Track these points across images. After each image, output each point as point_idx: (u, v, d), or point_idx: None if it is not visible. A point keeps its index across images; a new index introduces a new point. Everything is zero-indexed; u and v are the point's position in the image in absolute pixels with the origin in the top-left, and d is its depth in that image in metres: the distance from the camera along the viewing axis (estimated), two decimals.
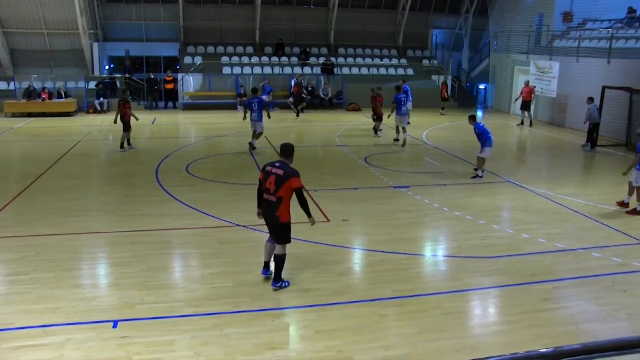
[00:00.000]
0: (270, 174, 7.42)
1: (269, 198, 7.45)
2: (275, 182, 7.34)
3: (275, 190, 7.35)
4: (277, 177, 7.36)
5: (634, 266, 8.67)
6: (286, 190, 7.34)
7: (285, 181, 7.31)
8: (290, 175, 7.35)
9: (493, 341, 6.47)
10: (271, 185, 7.38)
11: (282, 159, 7.62)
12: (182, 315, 6.80)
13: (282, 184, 7.32)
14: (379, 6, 31.38)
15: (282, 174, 7.36)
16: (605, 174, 15.63)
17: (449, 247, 9.71)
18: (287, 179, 7.32)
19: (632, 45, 20.76)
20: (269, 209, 7.48)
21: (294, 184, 7.33)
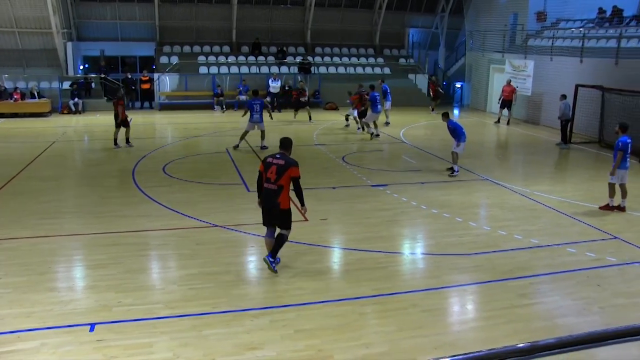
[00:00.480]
0: (272, 165, 8.00)
1: (269, 187, 7.97)
2: (276, 172, 7.93)
3: (277, 179, 7.92)
4: (278, 167, 7.94)
5: (607, 261, 8.82)
6: (286, 179, 7.92)
7: (286, 170, 7.91)
8: (290, 165, 7.96)
9: (471, 337, 6.53)
10: (272, 174, 7.95)
11: (281, 151, 8.20)
12: (161, 317, 6.74)
13: (283, 173, 7.90)
14: (355, 5, 31.46)
15: (283, 163, 7.95)
16: (579, 171, 15.88)
17: (427, 245, 9.77)
18: (288, 168, 7.92)
19: (603, 45, 21.13)
20: (270, 196, 7.99)
21: (293, 173, 7.93)
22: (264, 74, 28.20)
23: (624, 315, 7.06)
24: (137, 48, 29.17)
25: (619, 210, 11.45)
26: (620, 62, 19.54)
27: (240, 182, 13.37)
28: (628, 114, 17.72)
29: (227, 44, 29.94)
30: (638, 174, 14.95)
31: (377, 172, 14.56)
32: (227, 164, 15.38)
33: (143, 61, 29.17)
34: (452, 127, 14.28)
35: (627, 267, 8.64)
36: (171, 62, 27.56)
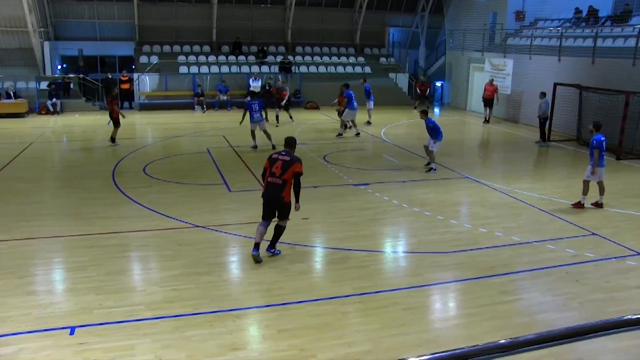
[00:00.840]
0: (277, 160, 8.58)
1: (274, 181, 8.51)
2: (281, 167, 8.49)
3: (281, 174, 8.46)
4: (283, 162, 8.52)
5: (585, 256, 8.95)
6: (290, 174, 8.46)
7: (291, 166, 8.47)
8: (295, 161, 8.54)
9: (453, 334, 6.58)
10: (277, 169, 8.50)
11: (286, 149, 8.81)
12: (142, 319, 6.69)
13: (287, 168, 8.46)
14: (336, 4, 31.49)
15: (289, 159, 8.53)
16: (558, 168, 16.06)
17: (408, 243, 9.82)
18: (292, 164, 8.48)
19: (580, 44, 21.43)
20: (274, 190, 8.51)
21: (297, 168, 8.49)
22: (244, 73, 28.10)
23: (602, 310, 7.18)
24: (116, 48, 28.89)
25: (596, 207, 11.61)
26: (596, 61, 19.82)
27: (222, 182, 13.31)
28: (605, 112, 18.00)
29: (207, 44, 29.78)
30: (615, 171, 15.20)
31: (359, 171, 14.59)
32: (208, 164, 15.30)
33: (122, 61, 28.90)
34: (432, 125, 14.37)
35: (605, 262, 8.76)
36: (151, 62, 27.32)
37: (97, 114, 24.87)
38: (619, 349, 6.12)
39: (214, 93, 26.74)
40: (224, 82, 26.73)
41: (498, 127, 22.99)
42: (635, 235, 10.04)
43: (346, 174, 14.15)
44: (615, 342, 6.15)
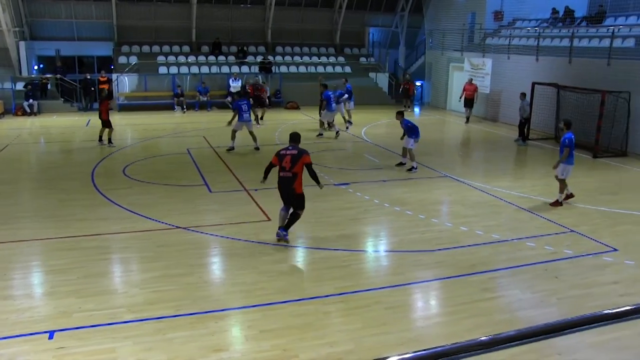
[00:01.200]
0: (286, 155, 9.14)
1: (285, 175, 9.09)
2: (291, 161, 9.05)
3: (291, 167, 9.03)
4: (292, 157, 9.09)
5: (564, 253, 9.07)
6: (300, 167, 9.04)
7: (300, 158, 9.06)
8: (303, 153, 9.14)
9: (435, 332, 6.63)
10: (287, 163, 9.06)
11: (292, 144, 9.34)
12: (123, 322, 6.63)
13: (296, 161, 9.04)
14: (315, 4, 31.51)
15: (297, 153, 9.12)
16: (536, 167, 16.25)
17: (390, 242, 9.87)
18: (301, 156, 9.08)
19: (557, 44, 21.71)
20: (286, 183, 9.11)
21: (306, 160, 9.11)
22: (224, 73, 27.98)
23: (580, 305, 7.28)
24: (95, 48, 28.60)
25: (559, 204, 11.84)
26: (573, 61, 20.08)
27: (202, 183, 13.25)
28: (581, 111, 18.27)
29: (186, 44, 29.61)
30: (591, 169, 15.43)
31: (340, 171, 14.62)
32: (188, 165, 15.21)
33: (101, 61, 28.61)
34: (411, 125, 14.50)
35: (583, 259, 8.89)
36: (130, 62, 27.09)
37: (76, 115, 24.59)
38: (596, 343, 6.23)
39: (193, 94, 26.58)
40: (204, 84, 26.58)
41: (477, 126, 23.18)
42: (611, 232, 10.21)
43: (327, 174, 14.16)
44: (593, 337, 6.25)
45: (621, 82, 17.53)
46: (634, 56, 17.86)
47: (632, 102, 17.14)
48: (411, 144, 14.52)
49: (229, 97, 25.91)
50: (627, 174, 15.14)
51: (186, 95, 26.40)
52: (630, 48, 18.56)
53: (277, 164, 9.21)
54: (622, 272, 8.41)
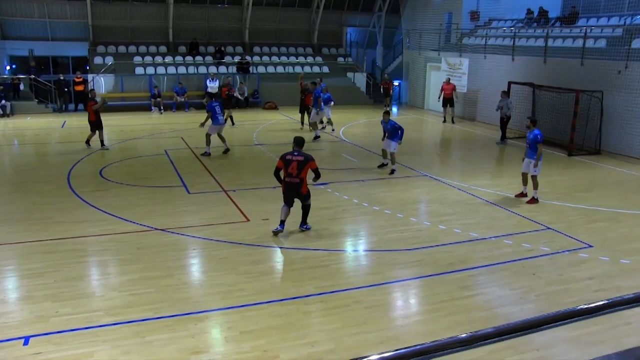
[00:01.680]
0: (292, 161, 9.41)
1: (292, 180, 9.44)
2: (297, 167, 9.37)
3: (298, 173, 9.38)
4: (298, 163, 9.39)
5: (541, 250, 9.20)
6: (306, 172, 9.45)
7: (306, 165, 9.42)
8: (308, 160, 9.49)
9: (415, 331, 6.67)
10: (294, 169, 9.38)
11: (297, 148, 9.58)
12: (101, 325, 6.56)
13: (303, 167, 9.38)
14: (293, 4, 31.49)
15: (303, 159, 9.43)
16: (513, 165, 16.39)
17: (368, 241, 9.90)
18: (307, 163, 9.44)
19: (532, 44, 22.01)
20: (293, 188, 9.51)
21: (312, 166, 9.54)
22: (202, 74, 27.81)
23: (557, 301, 7.39)
24: (70, 48, 28.20)
25: (521, 197, 12.17)
26: (548, 61, 20.36)
27: (180, 184, 13.16)
28: (556, 110, 18.55)
29: (163, 44, 29.37)
30: (566, 167, 15.66)
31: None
32: (166, 166, 15.09)
33: (76, 62, 28.23)
34: (397, 127, 14.21)
35: (559, 255, 9.03)
36: (106, 63, 26.77)
37: (51, 116, 24.24)
38: (572, 338, 6.33)
39: (171, 94, 26.38)
40: (181, 84, 26.38)
41: (455, 125, 23.35)
42: (586, 228, 10.38)
43: None
44: (569, 332, 6.36)
45: (594, 82, 17.83)
46: (606, 56, 18.18)
47: (605, 101, 17.44)
48: (393, 146, 14.26)
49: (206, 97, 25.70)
50: (601, 172, 15.39)
51: (163, 96, 26.19)
52: (602, 48, 18.90)
53: (282, 167, 9.51)
54: (597, 268, 8.55)
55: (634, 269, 8.60)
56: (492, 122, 22.30)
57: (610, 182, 14.25)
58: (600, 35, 19.84)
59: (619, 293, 7.63)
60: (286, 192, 9.61)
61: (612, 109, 17.47)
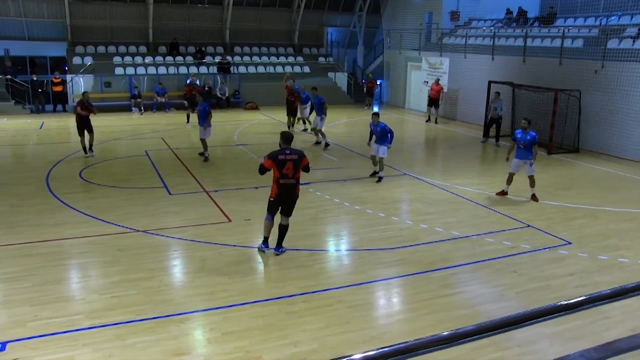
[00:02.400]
0: (286, 161, 8.45)
1: (288, 182, 8.54)
2: (293, 167, 8.48)
3: (294, 174, 8.55)
4: (294, 162, 8.49)
5: (522, 248, 9.29)
6: (300, 170, 8.64)
7: (301, 162, 8.57)
8: (302, 156, 8.62)
9: (398, 329, 6.69)
10: (289, 170, 8.47)
11: (287, 146, 8.60)
12: (82, 329, 6.47)
13: (299, 166, 8.55)
14: (274, 4, 31.43)
15: (297, 157, 8.53)
16: (493, 164, 16.58)
17: (350, 241, 9.91)
18: (301, 160, 8.57)
19: (512, 44, 22.23)
20: (290, 190, 8.62)
21: (306, 161, 8.67)
22: (182, 74, 27.63)
23: (538, 298, 7.47)
24: (47, 48, 27.80)
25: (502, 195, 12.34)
26: (527, 60, 20.57)
27: (161, 185, 13.06)
28: (536, 109, 18.73)
29: (143, 44, 29.13)
30: (546, 165, 15.82)
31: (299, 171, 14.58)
32: (147, 167, 14.97)
33: (54, 62, 27.84)
34: (388, 130, 13.33)
35: (540, 252, 9.12)
36: (85, 63, 26.45)
37: (28, 117, 23.92)
38: (553, 334, 6.40)
39: (151, 95, 26.17)
40: (161, 85, 26.19)
41: (438, 125, 23.46)
42: (566, 226, 10.50)
43: None
44: (550, 328, 6.43)
45: (572, 81, 18.07)
46: (583, 56, 18.44)
47: (583, 100, 17.68)
48: (382, 151, 13.26)
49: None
50: (580, 170, 15.59)
51: (144, 96, 25.98)
52: (579, 48, 19.17)
53: (271, 168, 8.45)
54: (577, 265, 8.66)
55: (611, 264, 8.72)
56: (472, 121, 22.48)
57: (588, 180, 14.45)
58: (578, 35, 20.12)
59: (597, 289, 7.70)
60: (282, 196, 8.59)
61: (590, 108, 17.71)
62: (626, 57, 16.91)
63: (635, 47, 17.04)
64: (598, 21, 20.61)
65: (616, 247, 9.44)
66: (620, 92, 16.83)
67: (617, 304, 6.86)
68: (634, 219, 11.06)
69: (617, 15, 20.22)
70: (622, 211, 11.54)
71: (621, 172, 15.24)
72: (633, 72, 16.49)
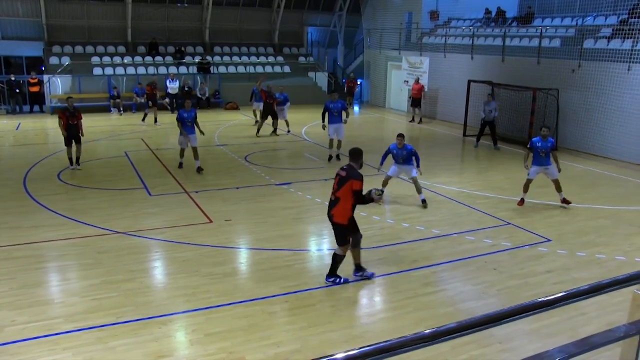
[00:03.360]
0: (336, 176, 7.75)
1: (330, 197, 7.81)
2: (337, 183, 7.65)
3: (336, 190, 7.63)
4: (340, 179, 7.61)
5: (502, 245, 9.38)
6: (347, 191, 7.50)
7: (346, 182, 7.49)
8: (351, 177, 7.49)
9: (380, 328, 6.71)
10: (335, 185, 7.71)
11: (350, 163, 7.79)
12: (62, 332, 6.40)
13: (343, 185, 7.53)
14: (253, 4, 31.34)
15: (345, 175, 7.56)
16: (474, 162, 16.72)
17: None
18: (348, 180, 7.48)
19: (491, 43, 22.44)
20: (329, 206, 7.81)
21: (354, 186, 7.46)
22: (162, 74, 27.39)
23: (518, 295, 7.55)
24: (23, 47, 27.32)
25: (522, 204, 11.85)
26: (506, 59, 20.78)
27: (141, 186, 12.96)
28: (515, 108, 18.94)
29: (122, 44, 28.84)
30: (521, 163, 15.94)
31: (281, 171, 14.61)
32: (126, 168, 14.83)
33: (30, 62, 27.41)
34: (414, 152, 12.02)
35: (519, 250, 9.22)
36: (62, 63, 26.14)
37: (4, 118, 23.57)
38: (532, 330, 6.48)
39: (130, 95, 25.91)
40: (141, 85, 25.93)
41: (422, 125, 23.57)
42: (545, 223, 10.63)
43: (268, 174, 14.13)
44: (529, 324, 6.51)
45: (550, 80, 18.29)
46: (561, 55, 18.68)
47: (561, 98, 17.91)
48: (415, 172, 11.90)
49: (166, 98, 25.43)
50: None
51: (123, 96, 25.73)
52: (556, 48, 19.42)
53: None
54: (556, 262, 8.77)
55: (588, 261, 8.85)
56: (452, 120, 22.63)
57: (566, 178, 14.58)
58: (555, 35, 20.38)
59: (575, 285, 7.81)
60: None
61: (568, 107, 17.94)
62: (601, 56, 17.16)
63: (610, 47, 17.31)
64: (574, 21, 20.89)
65: (594, 244, 9.58)
66: (597, 91, 17.09)
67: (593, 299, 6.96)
68: (611, 215, 11.24)
69: (592, 15, 20.52)
70: (599, 208, 11.72)
71: (599, 169, 15.46)
72: (608, 71, 16.75)
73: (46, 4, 26.71)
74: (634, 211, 11.58)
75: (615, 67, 16.62)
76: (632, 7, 17.81)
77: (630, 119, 16.17)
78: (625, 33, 17.26)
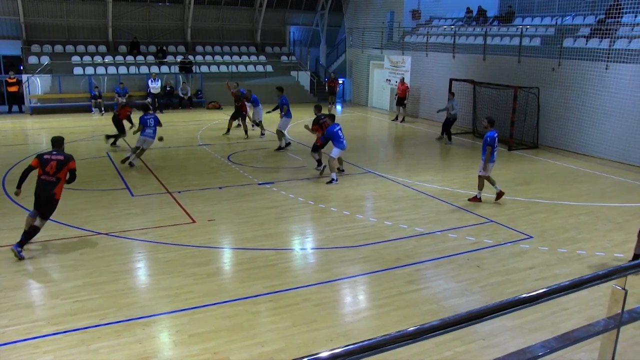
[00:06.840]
0: (50, 160, 9.04)
1: (48, 179, 9.08)
2: (56, 166, 9.03)
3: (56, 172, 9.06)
4: (58, 162, 9.02)
5: (484, 243, 9.46)
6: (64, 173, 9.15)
7: (66, 164, 9.16)
8: (69, 159, 9.12)
9: (364, 326, 6.73)
10: (52, 169, 8.99)
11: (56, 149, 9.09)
12: (43, 336, 6.32)
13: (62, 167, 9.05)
14: (235, 3, 31.23)
15: (62, 158, 9.15)
16: (456, 160, 16.82)
17: (315, 239, 9.93)
18: (67, 162, 9.11)
19: (472, 42, 22.61)
20: (46, 187, 9.16)
21: (72, 165, 9.25)
22: (143, 74, 27.23)
23: (501, 292, 7.62)
24: (0, 46, 27.01)
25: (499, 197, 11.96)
26: (487, 58, 20.94)
27: (124, 186, 12.85)
28: (496, 106, 19.10)
29: (103, 44, 28.58)
30: (506, 161, 16.13)
31: (263, 170, 14.58)
32: (108, 168, 14.70)
33: (9, 61, 27.06)
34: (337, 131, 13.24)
35: (502, 247, 9.30)
36: (41, 63, 25.81)
37: None
38: (515, 326, 6.54)
39: (112, 95, 25.69)
40: (122, 85, 25.75)
41: (404, 124, 23.67)
42: (526, 220, 10.74)
43: (251, 174, 14.09)
44: (512, 320, 6.57)
45: (531, 78, 18.49)
46: (541, 54, 18.89)
47: (541, 97, 18.11)
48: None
49: (148, 98, 25.26)
50: (539, 165, 15.95)
51: (104, 96, 25.50)
52: (537, 46, 19.63)
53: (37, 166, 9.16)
54: (537, 258, 8.87)
55: (569, 257, 8.96)
56: (434, 119, 22.74)
57: (547, 175, 14.78)
58: (535, 34, 20.59)
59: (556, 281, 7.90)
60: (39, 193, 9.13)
61: (548, 105, 18.14)
62: (580, 55, 17.37)
63: (589, 46, 17.53)
64: (554, 21, 21.13)
65: (575, 240, 9.70)
66: (576, 89, 17.30)
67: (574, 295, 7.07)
68: (590, 212, 11.39)
69: (571, 15, 20.76)
70: (579, 205, 11.87)
71: (579, 167, 15.66)
72: (587, 70, 16.96)
73: (23, 2, 26.37)
74: (613, 208, 11.75)
75: (593, 65, 16.83)
76: (609, 7, 18.06)
77: (609, 117, 16.40)
78: (603, 33, 17.51)
